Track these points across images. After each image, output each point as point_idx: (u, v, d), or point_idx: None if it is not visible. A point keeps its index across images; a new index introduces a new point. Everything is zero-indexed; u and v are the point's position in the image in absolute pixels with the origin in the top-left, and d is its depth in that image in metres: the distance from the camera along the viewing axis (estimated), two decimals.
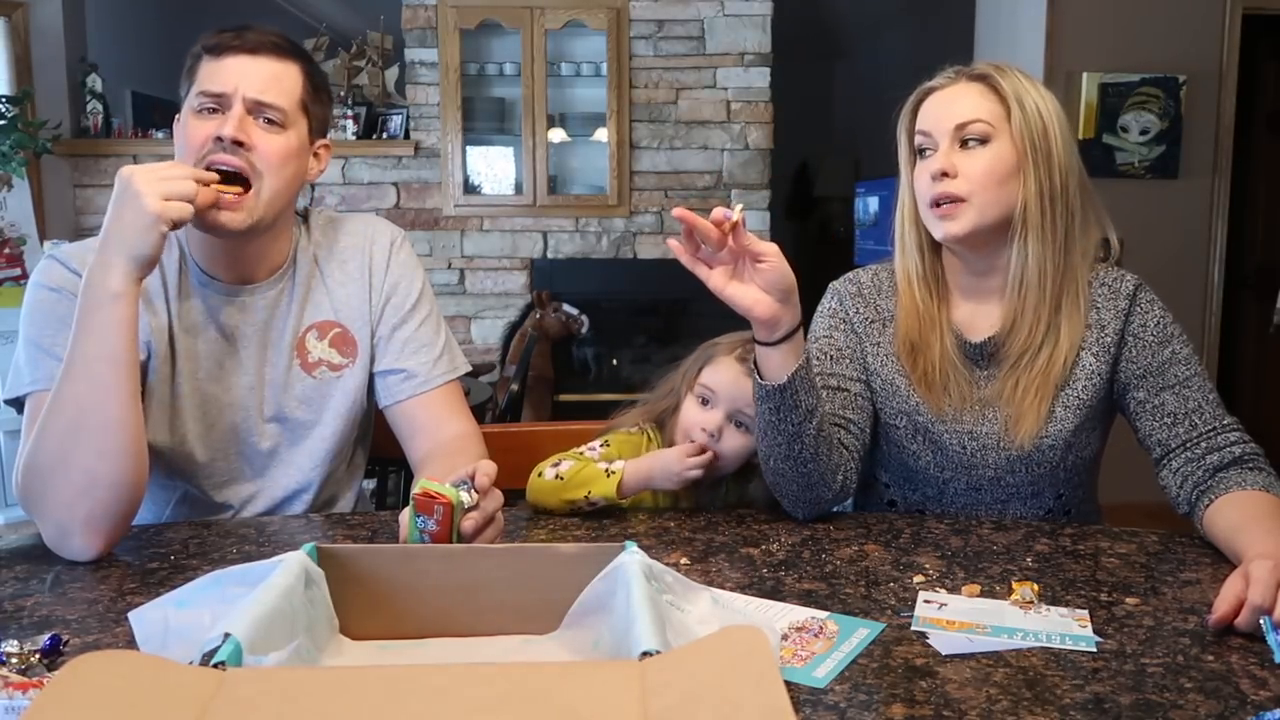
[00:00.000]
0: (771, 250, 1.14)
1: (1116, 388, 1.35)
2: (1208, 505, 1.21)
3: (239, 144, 1.24)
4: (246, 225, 1.26)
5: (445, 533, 1.03)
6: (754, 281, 1.16)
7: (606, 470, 1.29)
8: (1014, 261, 1.31)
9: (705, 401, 1.34)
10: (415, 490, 1.04)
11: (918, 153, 1.34)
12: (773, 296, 1.16)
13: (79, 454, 1.13)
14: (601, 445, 1.37)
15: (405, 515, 1.08)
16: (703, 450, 1.30)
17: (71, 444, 1.13)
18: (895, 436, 1.39)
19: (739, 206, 1.13)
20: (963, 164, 1.28)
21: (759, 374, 1.22)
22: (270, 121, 1.27)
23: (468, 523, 1.05)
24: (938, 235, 1.32)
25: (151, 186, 1.12)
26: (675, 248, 1.14)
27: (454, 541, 1.04)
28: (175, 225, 1.14)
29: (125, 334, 1.14)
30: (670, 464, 1.29)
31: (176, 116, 1.31)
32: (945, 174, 1.28)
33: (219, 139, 1.23)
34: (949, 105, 1.30)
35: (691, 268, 1.15)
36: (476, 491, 1.05)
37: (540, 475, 1.32)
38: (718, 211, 1.11)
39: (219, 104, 1.25)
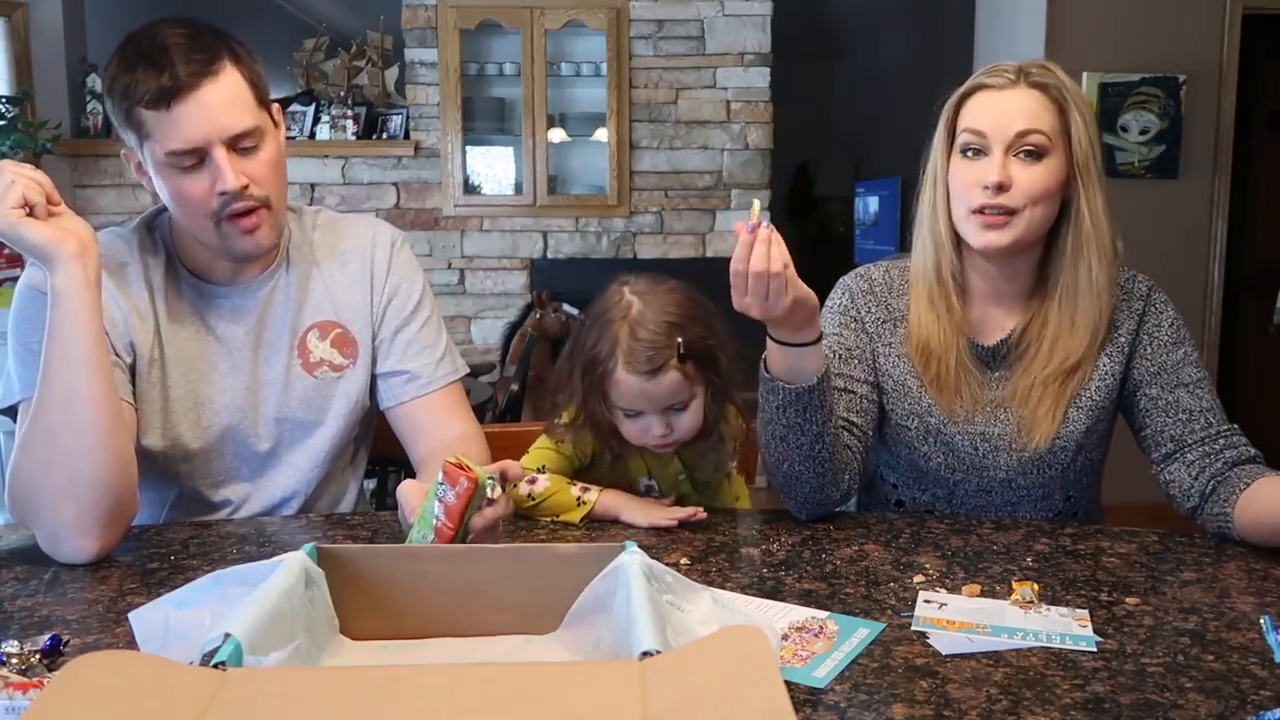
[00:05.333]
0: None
1: (1127, 386, 1.34)
2: (1244, 488, 1.20)
3: (243, 188, 1.23)
4: (275, 238, 1.30)
5: (460, 509, 1.02)
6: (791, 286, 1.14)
7: (579, 499, 1.29)
8: (1069, 278, 1.29)
9: (637, 414, 1.27)
10: (449, 459, 1.03)
11: (961, 150, 1.29)
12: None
13: (56, 455, 1.13)
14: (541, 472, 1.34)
15: (411, 485, 1.10)
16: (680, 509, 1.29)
17: (48, 446, 1.13)
18: (906, 438, 1.39)
19: (756, 206, 1.12)
20: (1017, 175, 1.25)
21: (784, 381, 1.21)
22: (248, 145, 1.24)
23: (479, 519, 1.04)
24: (976, 244, 1.28)
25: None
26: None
27: (464, 523, 1.03)
28: (24, 205, 1.11)
29: (78, 331, 1.13)
30: (650, 511, 1.28)
31: (124, 154, 1.28)
32: (1001, 186, 1.24)
33: (223, 193, 1.21)
34: (1008, 109, 1.26)
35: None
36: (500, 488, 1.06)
37: (515, 488, 1.30)
38: (742, 224, 1.10)
39: (195, 156, 1.21)
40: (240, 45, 1.26)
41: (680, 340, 1.22)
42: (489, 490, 1.04)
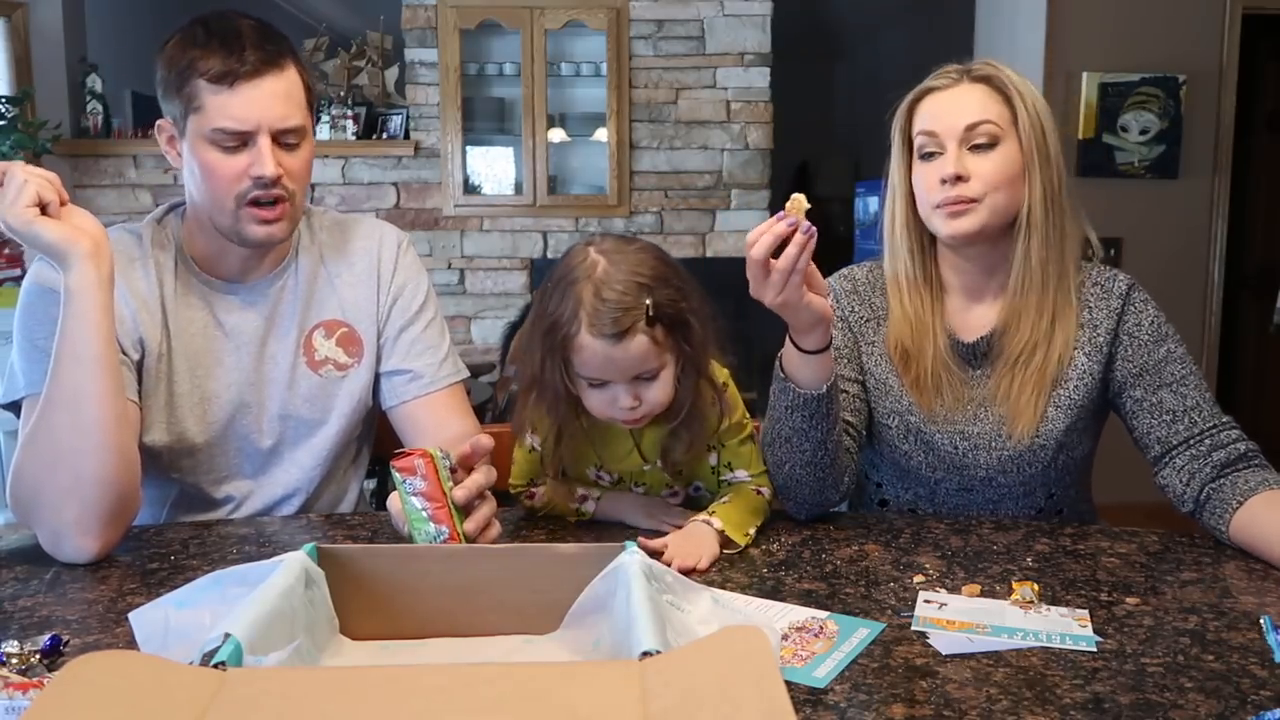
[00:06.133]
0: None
1: (1112, 387, 1.34)
2: (1237, 508, 1.19)
3: (276, 178, 1.25)
4: (290, 233, 1.31)
5: (437, 489, 1.03)
6: (812, 290, 1.15)
7: (577, 509, 1.29)
8: (1017, 261, 1.31)
9: (602, 384, 1.17)
10: (391, 462, 1.05)
11: (919, 154, 1.32)
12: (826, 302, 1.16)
13: (63, 454, 1.13)
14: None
15: (392, 498, 1.10)
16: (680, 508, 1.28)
17: (54, 445, 1.13)
18: (888, 436, 1.39)
19: (801, 201, 1.12)
20: (974, 166, 1.27)
21: (795, 383, 1.22)
22: (291, 142, 1.27)
23: (461, 491, 1.05)
24: (944, 233, 1.31)
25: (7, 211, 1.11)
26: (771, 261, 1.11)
27: (448, 495, 1.04)
28: (38, 204, 1.11)
29: (89, 331, 1.14)
30: (653, 513, 1.26)
31: (158, 125, 1.30)
32: (959, 177, 1.27)
33: (258, 178, 1.23)
34: (955, 106, 1.29)
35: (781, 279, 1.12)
36: (458, 458, 1.08)
37: (517, 492, 1.32)
38: (783, 224, 1.10)
39: (241, 138, 1.24)
40: (300, 55, 1.32)
41: (649, 301, 1.12)
42: (449, 459, 1.05)
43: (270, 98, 1.23)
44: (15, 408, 1.26)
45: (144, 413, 1.30)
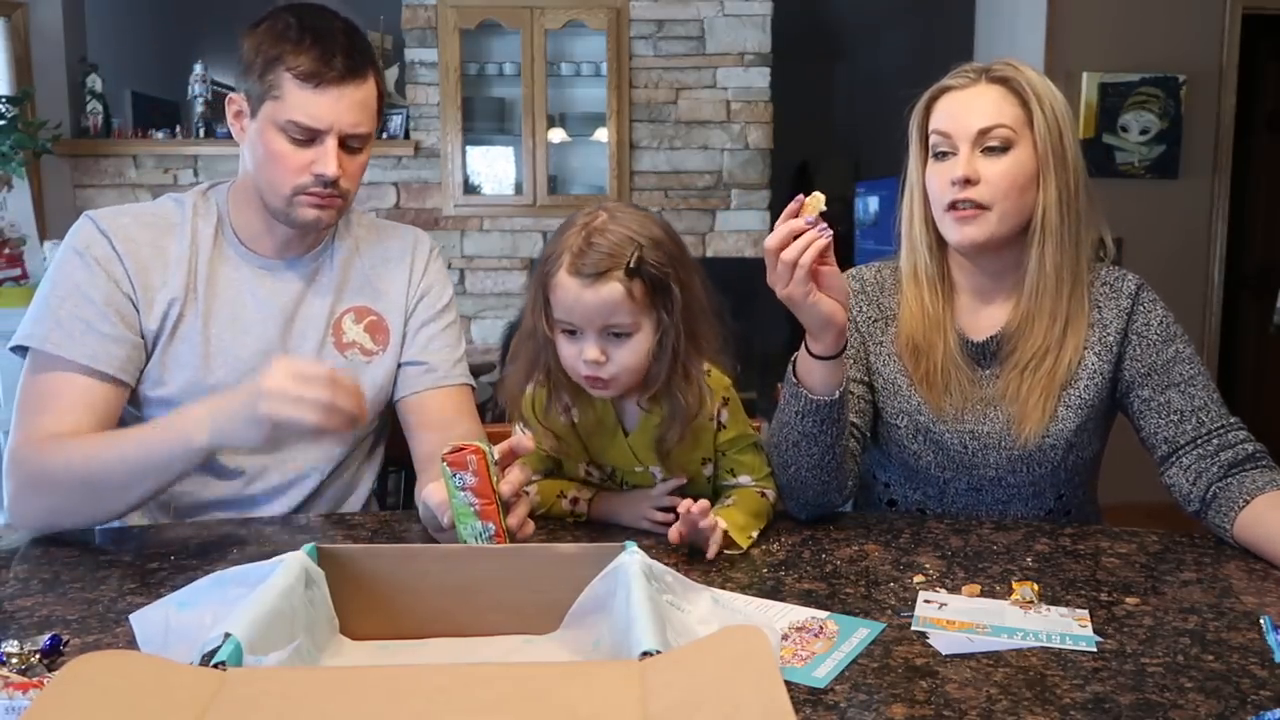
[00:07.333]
0: (834, 262, 1.15)
1: (1120, 387, 1.34)
2: (1243, 507, 1.19)
3: (335, 179, 1.30)
4: (335, 220, 1.36)
5: (486, 484, 1.02)
6: (824, 292, 1.15)
7: (571, 512, 1.29)
8: (1032, 266, 1.30)
9: (572, 333, 1.18)
10: (444, 454, 1.03)
11: (932, 153, 1.32)
12: (842, 307, 1.16)
13: (84, 505, 1.20)
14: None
15: (431, 490, 1.10)
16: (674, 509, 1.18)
17: (86, 497, 1.19)
18: (896, 436, 1.39)
19: (818, 200, 1.12)
20: (985, 170, 1.27)
21: (806, 389, 1.21)
22: (355, 147, 1.32)
23: (506, 486, 1.05)
24: (954, 240, 1.30)
25: (282, 395, 1.09)
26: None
27: (495, 492, 1.03)
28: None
29: (186, 469, 1.21)
30: (637, 510, 1.26)
31: (230, 97, 1.33)
32: (968, 180, 1.26)
33: (319, 175, 1.28)
34: (969, 107, 1.28)
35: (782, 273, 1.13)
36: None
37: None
38: (802, 221, 1.11)
39: (311, 135, 1.28)
40: (381, 67, 1.37)
41: (635, 255, 1.12)
42: (494, 454, 1.04)
43: (349, 105, 1.29)
44: (18, 350, 1.30)
45: (159, 369, 1.33)
